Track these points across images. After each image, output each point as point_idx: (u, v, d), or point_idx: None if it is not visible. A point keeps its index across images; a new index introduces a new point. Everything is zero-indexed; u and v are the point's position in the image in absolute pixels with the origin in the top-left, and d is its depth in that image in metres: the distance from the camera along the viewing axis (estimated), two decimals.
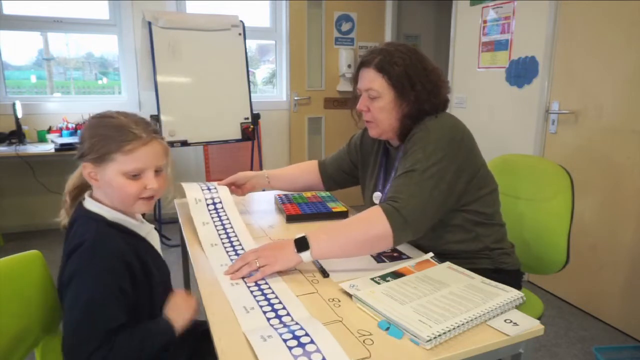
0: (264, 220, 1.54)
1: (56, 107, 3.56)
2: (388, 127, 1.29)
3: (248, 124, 3.45)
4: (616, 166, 2.24)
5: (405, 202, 1.11)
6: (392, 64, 1.22)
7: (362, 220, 1.12)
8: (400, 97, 1.24)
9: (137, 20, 3.54)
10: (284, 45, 4.11)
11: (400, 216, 1.09)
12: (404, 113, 1.25)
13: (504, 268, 1.29)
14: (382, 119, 1.28)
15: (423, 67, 1.24)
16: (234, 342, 0.82)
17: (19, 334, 1.02)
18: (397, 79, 1.22)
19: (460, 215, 1.25)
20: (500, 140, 2.91)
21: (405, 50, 1.25)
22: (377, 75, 1.24)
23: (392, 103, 1.25)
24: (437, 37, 4.57)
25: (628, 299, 2.22)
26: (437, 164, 1.15)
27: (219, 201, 1.47)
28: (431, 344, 0.81)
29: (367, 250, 1.17)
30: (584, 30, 2.36)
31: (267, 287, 1.03)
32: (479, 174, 1.25)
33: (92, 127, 1.02)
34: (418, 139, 1.19)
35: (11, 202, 3.55)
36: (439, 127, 1.20)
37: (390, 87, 1.24)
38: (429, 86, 1.23)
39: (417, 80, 1.23)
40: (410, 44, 1.30)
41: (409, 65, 1.22)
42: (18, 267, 1.06)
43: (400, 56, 1.23)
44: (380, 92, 1.25)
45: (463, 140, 1.21)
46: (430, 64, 1.27)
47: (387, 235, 1.09)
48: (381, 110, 1.26)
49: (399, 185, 1.15)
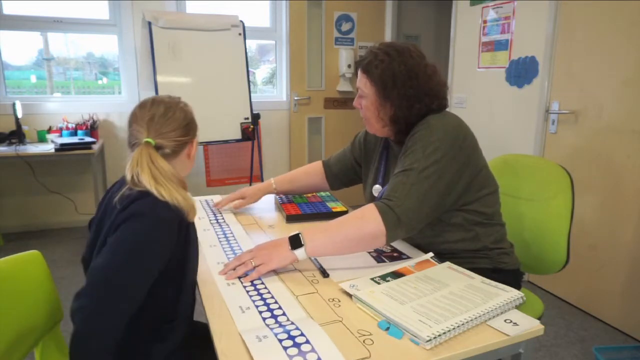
0: (264, 220, 1.54)
1: (56, 107, 3.56)
2: (378, 125, 1.31)
3: (248, 124, 3.45)
4: (616, 166, 2.24)
5: (400, 201, 1.11)
6: (374, 66, 1.25)
7: (356, 218, 1.13)
8: (381, 99, 1.26)
9: (137, 20, 3.54)
10: (284, 45, 4.11)
11: (394, 215, 1.10)
12: (390, 115, 1.27)
13: (503, 268, 1.29)
14: (370, 117, 1.31)
15: (405, 71, 1.23)
16: (235, 342, 0.82)
17: (19, 334, 1.02)
18: (376, 80, 1.25)
19: (460, 214, 1.25)
20: (500, 140, 2.91)
21: (391, 52, 1.25)
22: (362, 75, 1.29)
23: (375, 103, 1.27)
24: (437, 37, 4.57)
25: (628, 299, 2.22)
26: (435, 164, 1.15)
27: (222, 220, 1.54)
28: (431, 344, 0.81)
29: (361, 248, 1.17)
30: (584, 30, 2.36)
31: (264, 287, 1.04)
32: (480, 175, 1.25)
33: (189, 111, 1.14)
34: (419, 138, 1.19)
35: (11, 202, 3.55)
36: (441, 126, 1.20)
37: (372, 88, 1.26)
38: (407, 92, 1.22)
39: (394, 85, 1.23)
40: (410, 43, 1.30)
41: (387, 68, 1.23)
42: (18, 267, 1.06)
43: (382, 58, 1.24)
44: (365, 92, 1.28)
45: (466, 140, 1.21)
46: (419, 69, 1.24)
47: (381, 233, 1.10)
48: (367, 109, 1.30)
49: (396, 183, 1.15)
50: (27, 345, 1.06)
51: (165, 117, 1.06)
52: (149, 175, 0.98)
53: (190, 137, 1.12)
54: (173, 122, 1.07)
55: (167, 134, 1.06)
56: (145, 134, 1.04)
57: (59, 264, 2.92)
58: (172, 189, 0.99)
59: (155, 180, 0.98)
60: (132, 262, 0.92)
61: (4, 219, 3.51)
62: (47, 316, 1.11)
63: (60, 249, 3.21)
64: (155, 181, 0.98)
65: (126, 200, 0.98)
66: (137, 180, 0.98)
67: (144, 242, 0.94)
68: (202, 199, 1.78)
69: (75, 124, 3.46)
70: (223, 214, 1.60)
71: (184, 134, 1.09)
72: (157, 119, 1.05)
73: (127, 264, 0.91)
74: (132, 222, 0.94)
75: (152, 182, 0.97)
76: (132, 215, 0.95)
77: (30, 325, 1.05)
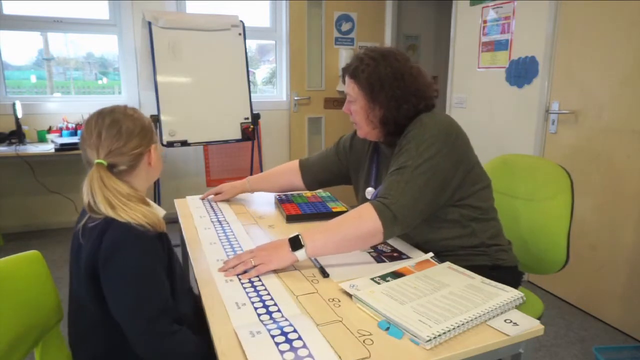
0: (264, 220, 1.54)
1: (56, 107, 3.56)
2: (368, 129, 1.34)
3: (248, 124, 3.45)
4: (616, 166, 2.24)
5: (395, 198, 1.13)
6: (360, 70, 1.28)
7: (354, 218, 1.15)
8: (370, 102, 1.28)
9: (137, 20, 3.54)
10: (284, 45, 4.11)
11: (390, 212, 1.12)
12: (379, 117, 1.29)
13: (501, 264, 1.30)
14: (359, 121, 1.34)
15: (392, 73, 1.26)
16: (235, 342, 0.82)
17: (19, 334, 1.02)
18: (364, 84, 1.27)
19: (457, 210, 1.26)
20: (500, 140, 2.91)
21: (376, 56, 1.28)
22: (350, 80, 1.31)
23: (365, 107, 1.30)
24: (437, 37, 4.57)
25: (628, 299, 2.22)
26: (429, 160, 1.17)
27: (223, 218, 1.55)
28: (431, 344, 0.81)
29: (359, 246, 1.20)
30: (584, 30, 2.36)
31: (261, 284, 1.04)
32: (474, 171, 1.27)
33: (139, 117, 1.09)
34: (412, 136, 1.21)
35: (11, 202, 3.55)
36: (434, 123, 1.22)
37: (360, 92, 1.29)
38: (395, 93, 1.25)
39: (381, 87, 1.25)
40: (393, 48, 1.33)
41: (372, 72, 1.26)
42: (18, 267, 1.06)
43: (368, 62, 1.27)
44: (353, 97, 1.31)
45: (458, 137, 1.24)
46: (404, 70, 1.27)
47: (378, 231, 1.12)
48: (357, 113, 1.33)
49: (391, 182, 1.17)
50: (27, 345, 1.06)
51: (113, 132, 1.00)
52: (104, 201, 0.95)
53: (144, 146, 1.05)
54: (122, 135, 1.01)
55: (119, 149, 1.00)
56: (96, 155, 1.00)
57: (59, 264, 2.92)
58: (130, 209, 0.96)
59: (111, 206, 0.95)
60: (146, 286, 0.95)
61: (4, 219, 3.51)
62: (47, 316, 1.11)
63: (60, 249, 3.21)
64: (112, 207, 0.95)
65: (94, 233, 0.96)
66: (94, 207, 0.97)
67: (142, 267, 0.96)
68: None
69: (75, 124, 3.46)
70: (224, 213, 1.60)
71: (137, 144, 1.03)
72: (105, 135, 1.00)
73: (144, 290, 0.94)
74: (119, 258, 0.94)
75: (108, 208, 0.95)
76: (114, 250, 0.94)
77: (30, 325, 1.05)
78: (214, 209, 1.65)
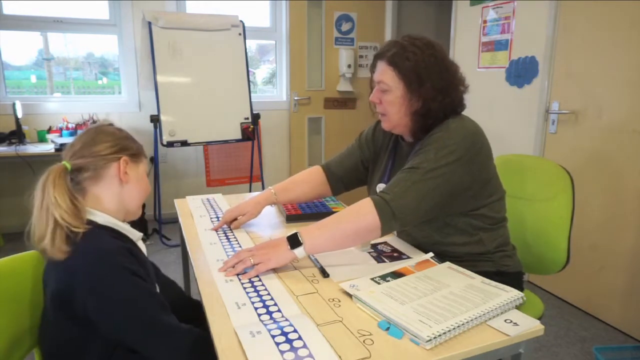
0: (264, 220, 1.54)
1: (56, 107, 3.55)
2: (398, 121, 1.27)
3: (248, 124, 3.45)
4: (616, 166, 2.24)
5: (396, 196, 1.11)
6: (404, 58, 1.20)
7: (352, 213, 1.13)
8: (409, 92, 1.21)
9: (137, 20, 3.54)
10: (284, 45, 4.11)
11: (389, 209, 1.10)
12: (414, 109, 1.22)
13: (506, 270, 1.29)
14: (392, 112, 1.26)
15: (436, 63, 1.21)
16: (235, 342, 0.82)
17: (19, 334, 1.02)
18: (407, 73, 1.20)
19: (467, 219, 1.24)
20: (500, 140, 2.91)
21: (420, 45, 1.21)
22: (388, 68, 1.22)
23: (401, 98, 1.22)
24: (437, 37, 4.52)
25: (628, 299, 2.21)
26: (447, 166, 1.13)
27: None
28: (431, 344, 0.81)
29: (358, 241, 1.19)
30: (584, 30, 2.36)
31: (261, 284, 1.04)
32: (490, 183, 1.24)
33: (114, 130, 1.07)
34: (436, 139, 1.17)
35: (11, 202, 3.54)
36: (461, 130, 1.18)
37: (400, 81, 1.21)
38: (439, 84, 1.20)
39: (428, 77, 1.20)
40: (430, 38, 1.26)
41: (420, 60, 1.19)
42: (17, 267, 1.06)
43: (413, 50, 1.20)
44: (390, 86, 1.23)
45: (482, 148, 1.20)
46: (447, 61, 1.24)
47: (376, 227, 1.10)
48: (391, 104, 1.24)
49: (398, 179, 1.15)
50: (27, 345, 1.06)
51: (85, 137, 1.03)
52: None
53: (112, 154, 1.02)
54: (94, 140, 1.02)
55: (84, 150, 1.00)
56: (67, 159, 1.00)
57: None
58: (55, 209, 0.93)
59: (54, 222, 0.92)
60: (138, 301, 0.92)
61: (4, 219, 3.51)
62: None
63: None
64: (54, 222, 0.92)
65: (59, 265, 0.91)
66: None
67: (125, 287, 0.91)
68: (203, 197, 1.79)
69: (75, 124, 3.46)
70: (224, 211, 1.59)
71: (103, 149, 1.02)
72: (78, 140, 1.02)
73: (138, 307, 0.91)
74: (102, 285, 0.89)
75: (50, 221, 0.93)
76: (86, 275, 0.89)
77: (30, 325, 1.05)
78: (214, 208, 1.64)
